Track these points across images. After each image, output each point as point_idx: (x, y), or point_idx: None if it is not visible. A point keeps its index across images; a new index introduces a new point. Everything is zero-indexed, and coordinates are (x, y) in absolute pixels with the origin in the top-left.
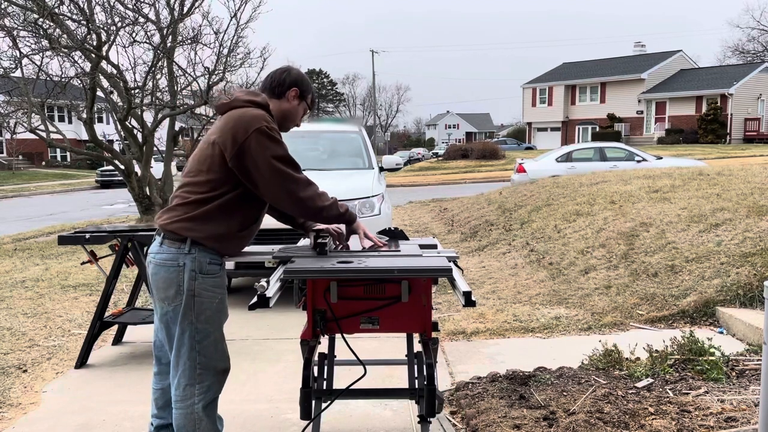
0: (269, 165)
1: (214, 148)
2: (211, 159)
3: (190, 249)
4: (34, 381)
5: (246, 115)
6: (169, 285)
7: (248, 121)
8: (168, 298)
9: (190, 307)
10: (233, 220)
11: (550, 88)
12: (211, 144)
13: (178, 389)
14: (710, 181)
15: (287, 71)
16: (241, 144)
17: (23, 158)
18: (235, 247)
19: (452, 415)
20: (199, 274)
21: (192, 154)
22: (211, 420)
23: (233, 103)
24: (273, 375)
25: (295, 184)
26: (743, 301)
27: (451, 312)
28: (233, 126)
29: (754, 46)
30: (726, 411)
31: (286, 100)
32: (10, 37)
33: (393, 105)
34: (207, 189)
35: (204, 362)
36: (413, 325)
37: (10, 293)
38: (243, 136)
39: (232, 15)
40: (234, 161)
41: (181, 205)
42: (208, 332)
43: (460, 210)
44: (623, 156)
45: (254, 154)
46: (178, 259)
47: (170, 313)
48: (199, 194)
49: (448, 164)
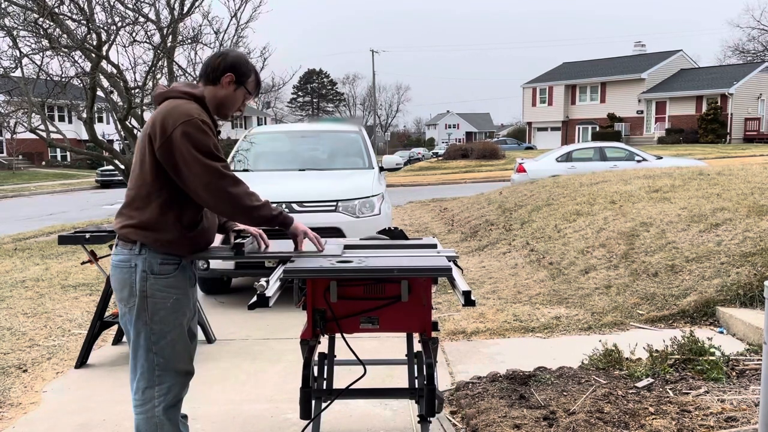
0: (195, 158)
1: (146, 141)
2: (144, 152)
3: (140, 250)
4: (34, 381)
5: (178, 107)
6: (123, 286)
7: (179, 114)
8: (123, 299)
9: (143, 308)
10: (177, 222)
11: (550, 87)
12: (146, 136)
13: (137, 393)
14: (710, 180)
15: (222, 56)
16: (169, 136)
17: (23, 158)
18: (187, 248)
19: (452, 414)
20: (150, 275)
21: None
22: (173, 423)
23: (169, 93)
24: (273, 375)
25: (223, 179)
26: (743, 300)
27: (451, 312)
28: (163, 117)
29: (754, 45)
30: (726, 411)
31: (221, 86)
32: (10, 36)
33: (393, 105)
34: (144, 185)
35: (162, 363)
36: (413, 324)
37: (10, 293)
38: (171, 127)
39: (232, 15)
40: (161, 154)
41: (126, 206)
42: (163, 333)
43: (460, 210)
44: (623, 156)
45: (180, 147)
46: (131, 260)
47: (127, 314)
48: (138, 191)
49: (448, 164)
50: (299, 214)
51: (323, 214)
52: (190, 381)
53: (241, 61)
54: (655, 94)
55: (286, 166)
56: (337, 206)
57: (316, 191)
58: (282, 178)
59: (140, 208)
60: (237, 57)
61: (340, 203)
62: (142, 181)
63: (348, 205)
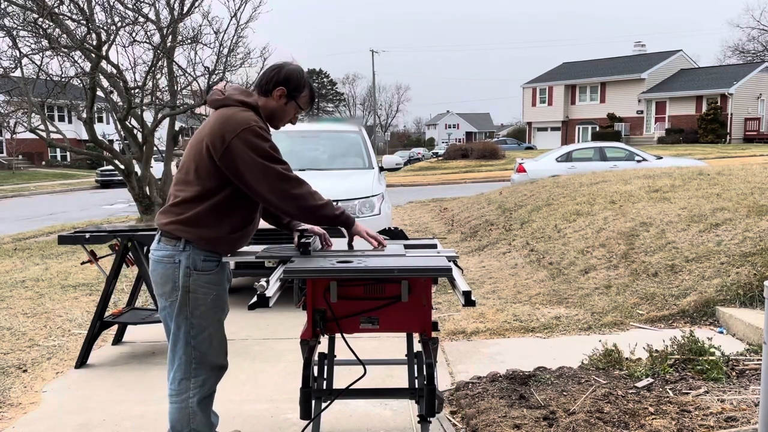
0: (258, 163)
1: (203, 147)
2: (200, 157)
3: (185, 246)
4: (34, 381)
5: (236, 115)
6: (165, 281)
7: (236, 123)
8: (165, 294)
9: (185, 303)
10: (224, 223)
11: (550, 87)
12: (201, 142)
13: (174, 383)
14: (710, 180)
15: (278, 69)
16: (229, 143)
17: (23, 158)
18: (228, 248)
19: (452, 414)
20: (193, 271)
21: (186, 149)
22: (206, 415)
23: (226, 101)
24: (273, 375)
25: (287, 181)
26: (743, 300)
27: (451, 312)
28: (222, 125)
29: (754, 45)
30: (726, 411)
31: (273, 98)
32: (10, 36)
33: (393, 105)
34: (198, 188)
35: (199, 357)
36: (413, 324)
37: (10, 293)
38: (231, 135)
39: (232, 15)
40: (223, 160)
41: (175, 205)
42: (203, 327)
43: (460, 210)
44: (623, 156)
45: (242, 153)
46: (174, 256)
47: (167, 308)
48: (190, 193)
49: (448, 164)
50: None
51: None
52: (223, 375)
53: (294, 76)
54: (655, 94)
55: None
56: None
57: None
58: None
59: (190, 208)
60: (292, 71)
61: (339, 203)
62: (195, 183)
63: (348, 205)
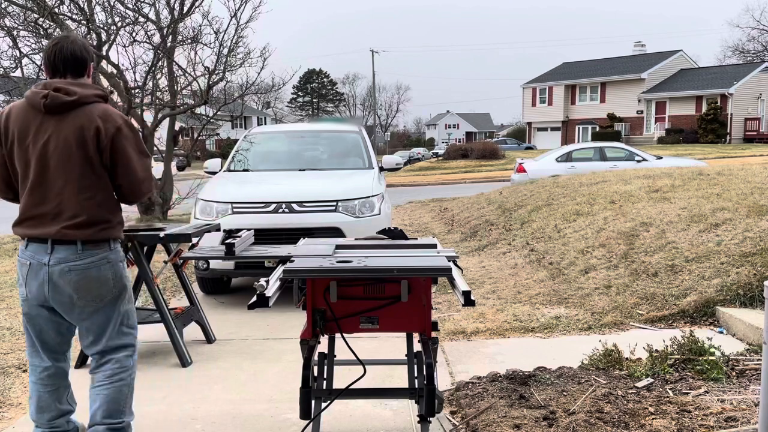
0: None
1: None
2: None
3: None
4: None
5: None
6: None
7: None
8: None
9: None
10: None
11: (550, 87)
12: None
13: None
14: (710, 180)
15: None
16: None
17: None
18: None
19: (452, 414)
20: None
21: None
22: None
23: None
24: (273, 375)
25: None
26: (743, 300)
27: (451, 312)
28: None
29: (754, 45)
30: (726, 411)
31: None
32: (10, 36)
33: (393, 105)
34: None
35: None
36: (413, 324)
37: (10, 293)
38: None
39: (232, 15)
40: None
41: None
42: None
43: (460, 210)
44: (623, 156)
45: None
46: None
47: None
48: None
49: (448, 164)
50: (299, 214)
51: (323, 214)
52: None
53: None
54: (655, 94)
55: (286, 166)
56: (337, 206)
57: (316, 191)
58: (282, 178)
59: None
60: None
61: (340, 203)
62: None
63: (348, 205)
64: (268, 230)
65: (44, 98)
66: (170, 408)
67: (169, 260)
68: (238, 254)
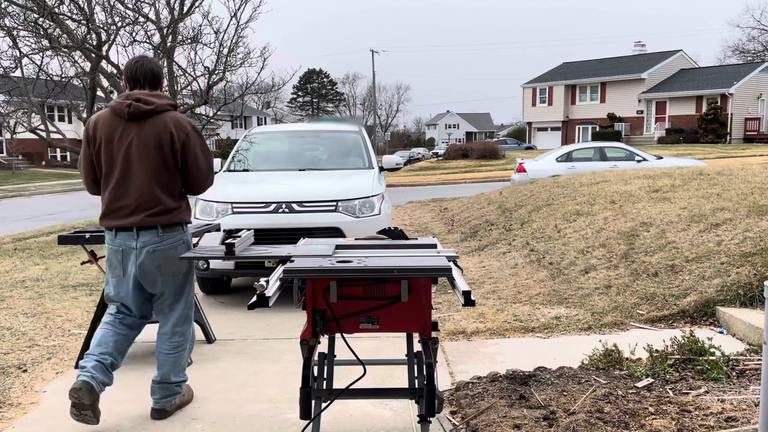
0: None
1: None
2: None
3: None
4: (34, 381)
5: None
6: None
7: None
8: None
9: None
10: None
11: (550, 87)
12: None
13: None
14: (710, 180)
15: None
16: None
17: (23, 158)
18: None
19: (452, 414)
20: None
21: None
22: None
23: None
24: (273, 375)
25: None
26: (743, 300)
27: (451, 312)
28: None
29: (754, 45)
30: (726, 411)
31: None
32: (10, 36)
33: (393, 105)
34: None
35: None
36: (413, 324)
37: (10, 293)
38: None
39: (232, 15)
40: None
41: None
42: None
43: (460, 210)
44: (623, 156)
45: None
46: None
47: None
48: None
49: (448, 164)
50: (299, 214)
51: (323, 214)
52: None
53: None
54: (655, 94)
55: (286, 166)
56: (337, 206)
57: (316, 191)
58: (282, 178)
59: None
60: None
61: (340, 203)
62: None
63: (348, 205)
64: (268, 230)
65: (128, 107)
66: None
67: None
68: (238, 254)
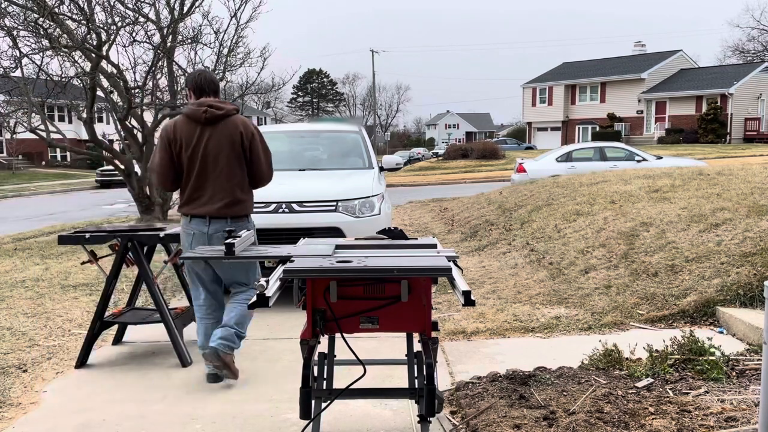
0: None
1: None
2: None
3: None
4: (34, 381)
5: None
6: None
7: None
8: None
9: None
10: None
11: (550, 87)
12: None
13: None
14: (710, 180)
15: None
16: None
17: (23, 158)
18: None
19: (452, 414)
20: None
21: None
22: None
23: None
24: (273, 375)
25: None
26: (743, 300)
27: (451, 312)
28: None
29: (754, 45)
30: (726, 411)
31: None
32: (10, 36)
33: (393, 105)
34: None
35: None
36: (413, 324)
37: (10, 293)
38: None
39: (232, 15)
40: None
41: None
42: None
43: (460, 210)
44: (623, 156)
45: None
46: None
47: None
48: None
49: (448, 164)
50: (299, 214)
51: (323, 214)
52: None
53: (188, 77)
54: (655, 94)
55: (286, 166)
56: (337, 206)
57: (316, 191)
58: (282, 178)
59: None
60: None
61: (340, 203)
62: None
63: (348, 205)
64: (268, 230)
65: (204, 113)
66: (170, 408)
67: (169, 260)
68: (238, 254)
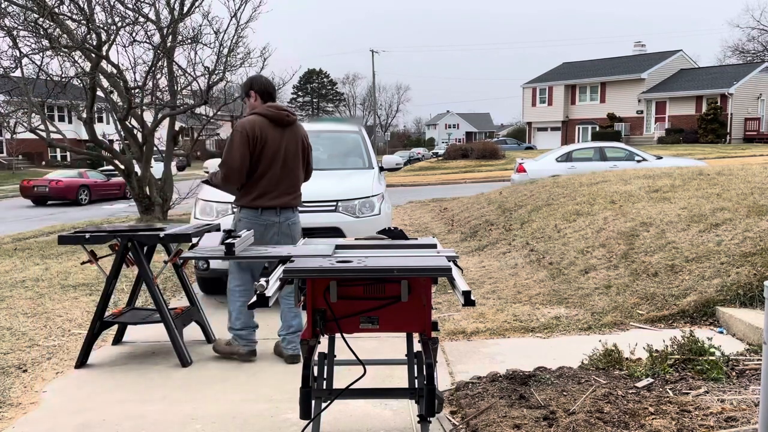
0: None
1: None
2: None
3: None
4: (34, 381)
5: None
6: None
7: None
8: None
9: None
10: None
11: (550, 87)
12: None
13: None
14: (710, 180)
15: (248, 80)
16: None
17: (23, 158)
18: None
19: (452, 414)
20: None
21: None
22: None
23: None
24: (273, 375)
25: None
26: (743, 300)
27: (451, 312)
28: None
29: (754, 45)
30: (726, 411)
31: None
32: (10, 36)
33: (393, 105)
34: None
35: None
36: (413, 324)
37: (10, 293)
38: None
39: (232, 15)
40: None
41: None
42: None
43: (460, 210)
44: (623, 156)
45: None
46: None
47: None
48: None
49: (448, 164)
50: (299, 214)
51: (323, 214)
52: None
53: (254, 79)
54: (655, 94)
55: None
56: (337, 206)
57: (316, 191)
58: None
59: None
60: (252, 77)
61: (340, 203)
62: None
63: (348, 205)
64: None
65: (287, 117)
66: (170, 408)
67: (169, 260)
68: (238, 254)
